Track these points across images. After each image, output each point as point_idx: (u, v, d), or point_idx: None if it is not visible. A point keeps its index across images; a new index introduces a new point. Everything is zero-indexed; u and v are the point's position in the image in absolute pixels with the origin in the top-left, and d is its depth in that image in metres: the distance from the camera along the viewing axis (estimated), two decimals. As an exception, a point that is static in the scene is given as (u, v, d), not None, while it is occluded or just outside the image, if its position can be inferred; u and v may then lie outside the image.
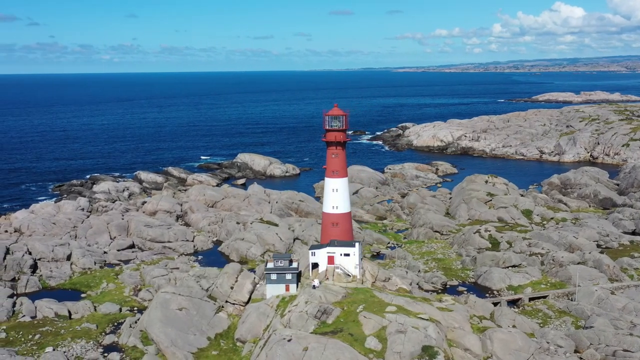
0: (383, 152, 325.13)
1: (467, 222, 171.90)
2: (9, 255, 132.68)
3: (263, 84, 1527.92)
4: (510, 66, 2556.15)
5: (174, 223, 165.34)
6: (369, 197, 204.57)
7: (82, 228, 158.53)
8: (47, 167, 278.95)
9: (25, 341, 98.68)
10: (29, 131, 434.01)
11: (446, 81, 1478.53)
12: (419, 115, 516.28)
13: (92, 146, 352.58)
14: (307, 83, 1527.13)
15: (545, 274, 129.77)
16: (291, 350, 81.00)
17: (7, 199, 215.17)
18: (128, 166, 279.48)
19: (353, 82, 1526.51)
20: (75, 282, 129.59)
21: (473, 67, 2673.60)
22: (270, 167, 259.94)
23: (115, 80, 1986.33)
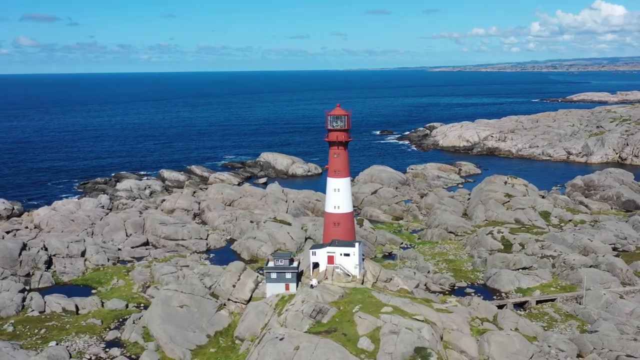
0: (409, 152, 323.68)
1: (484, 223, 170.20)
2: (25, 251, 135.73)
3: (298, 83, 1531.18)
4: (549, 65, 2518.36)
5: (189, 221, 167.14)
6: (388, 197, 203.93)
7: (99, 225, 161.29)
8: (75, 165, 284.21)
9: (31, 335, 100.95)
10: (62, 129, 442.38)
11: (481, 81, 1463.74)
12: (450, 115, 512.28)
13: (121, 144, 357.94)
14: (341, 82, 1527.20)
15: (556, 277, 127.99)
16: (282, 349, 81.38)
17: (35, 196, 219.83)
18: (154, 164, 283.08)
19: (388, 82, 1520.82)
20: (87, 278, 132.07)
21: (510, 67, 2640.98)
22: (293, 167, 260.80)
23: (152, 80, 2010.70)
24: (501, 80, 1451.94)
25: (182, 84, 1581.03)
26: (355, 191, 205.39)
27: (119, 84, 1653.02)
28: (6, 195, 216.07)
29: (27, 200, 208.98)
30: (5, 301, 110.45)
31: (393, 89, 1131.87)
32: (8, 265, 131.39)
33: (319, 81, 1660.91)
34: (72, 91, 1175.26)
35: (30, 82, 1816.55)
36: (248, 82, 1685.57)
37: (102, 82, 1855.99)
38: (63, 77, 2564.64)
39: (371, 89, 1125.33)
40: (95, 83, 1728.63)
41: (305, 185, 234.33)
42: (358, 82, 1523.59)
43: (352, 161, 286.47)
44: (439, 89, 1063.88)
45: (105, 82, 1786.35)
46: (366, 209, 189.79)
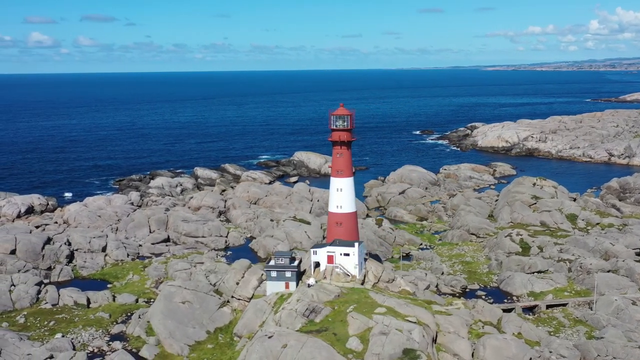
0: (446, 152, 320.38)
1: (508, 225, 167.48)
2: (48, 245, 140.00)
3: (349, 82, 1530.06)
4: (607, 64, 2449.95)
5: (212, 219, 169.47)
6: (415, 197, 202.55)
7: (124, 221, 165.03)
8: (116, 162, 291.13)
9: (40, 327, 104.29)
10: (110, 127, 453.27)
11: (535, 80, 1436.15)
12: (496, 115, 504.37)
13: (163, 143, 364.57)
14: (392, 82, 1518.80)
15: (571, 281, 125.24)
16: (269, 347, 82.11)
17: (72, 191, 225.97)
18: (191, 162, 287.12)
19: (439, 81, 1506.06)
20: (105, 272, 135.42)
21: (567, 66, 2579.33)
22: (325, 166, 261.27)
23: (205, 79, 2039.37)
24: (555, 80, 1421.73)
25: (234, 83, 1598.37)
26: (383, 191, 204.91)
27: (173, 82, 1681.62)
28: (46, 190, 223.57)
29: (62, 196, 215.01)
30: (21, 293, 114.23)
31: (443, 88, 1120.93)
32: (31, 258, 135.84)
33: (370, 80, 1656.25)
34: (126, 90, 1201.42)
35: (88, 81, 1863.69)
36: (300, 81, 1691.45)
37: (157, 80, 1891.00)
38: (120, 76, 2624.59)
39: (421, 88, 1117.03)
40: (150, 82, 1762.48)
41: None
42: (409, 81, 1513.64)
43: (386, 160, 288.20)
44: (491, 89, 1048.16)
45: (159, 81, 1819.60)
46: (391, 209, 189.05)
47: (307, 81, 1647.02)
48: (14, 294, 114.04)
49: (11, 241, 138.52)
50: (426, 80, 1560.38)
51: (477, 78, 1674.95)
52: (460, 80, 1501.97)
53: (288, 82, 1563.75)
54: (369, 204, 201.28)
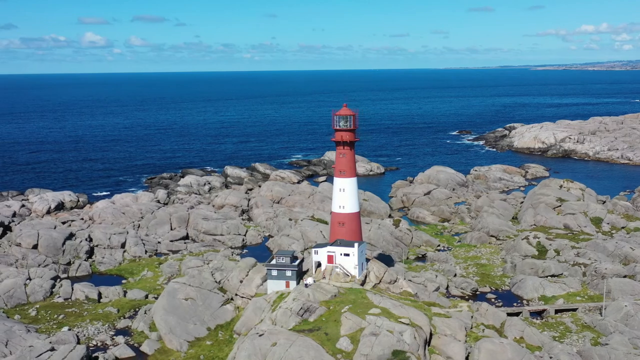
0: (481, 153, 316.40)
1: (530, 227, 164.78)
2: (69, 240, 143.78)
3: (396, 82, 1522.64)
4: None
5: (233, 217, 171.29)
6: (441, 198, 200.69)
7: (147, 218, 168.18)
8: (151, 160, 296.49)
9: (49, 320, 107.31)
10: (151, 126, 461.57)
11: (586, 80, 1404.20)
12: (538, 115, 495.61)
13: (200, 142, 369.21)
14: (439, 81, 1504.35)
15: (585, 286, 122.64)
16: (259, 345, 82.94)
17: (105, 189, 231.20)
18: (225, 161, 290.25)
19: (486, 81, 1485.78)
20: (121, 268, 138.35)
21: (620, 65, 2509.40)
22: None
23: (253, 78, 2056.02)
24: (607, 80, 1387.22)
25: (280, 82, 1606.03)
26: (408, 192, 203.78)
27: (220, 82, 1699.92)
28: (80, 187, 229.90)
29: (94, 193, 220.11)
30: (35, 287, 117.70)
31: (489, 88, 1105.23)
32: (51, 253, 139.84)
33: (416, 80, 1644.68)
34: (173, 89, 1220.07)
35: (139, 81, 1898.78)
36: (346, 81, 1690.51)
37: (205, 80, 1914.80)
38: (170, 76, 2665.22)
39: (467, 88, 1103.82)
40: (198, 81, 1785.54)
41: (363, 184, 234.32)
42: (455, 81, 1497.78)
43: (418, 161, 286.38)
44: (538, 88, 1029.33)
45: (207, 80, 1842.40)
46: (414, 209, 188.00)
47: (353, 81, 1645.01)
48: (28, 288, 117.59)
49: (34, 236, 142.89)
50: (473, 80, 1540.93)
51: (526, 78, 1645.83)
52: (508, 80, 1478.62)
53: (334, 82, 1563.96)
54: (394, 205, 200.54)
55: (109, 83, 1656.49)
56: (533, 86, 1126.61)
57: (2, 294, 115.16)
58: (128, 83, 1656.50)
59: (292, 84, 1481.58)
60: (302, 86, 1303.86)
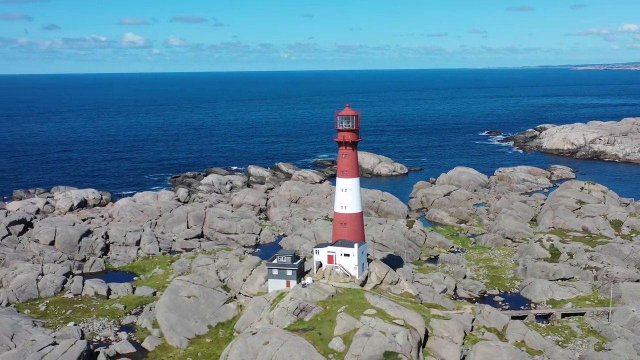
0: (508, 153, 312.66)
1: (548, 230, 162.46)
2: (85, 237, 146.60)
3: (432, 82, 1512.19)
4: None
5: (249, 216, 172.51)
6: (461, 199, 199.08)
7: (164, 217, 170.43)
8: (177, 160, 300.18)
9: (57, 315, 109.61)
10: (182, 125, 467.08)
11: (627, 80, 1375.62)
12: (572, 116, 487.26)
13: (229, 141, 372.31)
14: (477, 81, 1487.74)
15: (596, 290, 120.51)
16: (250, 343, 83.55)
17: (130, 187, 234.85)
18: (250, 160, 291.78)
19: (525, 81, 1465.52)
20: (134, 265, 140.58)
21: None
22: (379, 166, 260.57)
23: (290, 78, 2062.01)
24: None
25: (317, 82, 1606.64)
26: (428, 192, 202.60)
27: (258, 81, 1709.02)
28: (106, 185, 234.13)
29: (118, 191, 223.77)
30: (47, 283, 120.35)
31: (527, 88, 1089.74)
32: (67, 250, 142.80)
33: (454, 80, 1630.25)
34: (209, 89, 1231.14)
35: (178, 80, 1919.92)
36: (383, 80, 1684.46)
37: (243, 80, 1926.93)
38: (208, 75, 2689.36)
39: (503, 88, 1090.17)
40: (235, 81, 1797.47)
41: (385, 184, 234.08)
42: (492, 81, 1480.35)
43: (443, 161, 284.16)
44: (577, 89, 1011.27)
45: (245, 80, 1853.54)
46: (432, 210, 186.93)
47: (389, 81, 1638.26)
48: (40, 283, 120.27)
49: (51, 233, 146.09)
50: (511, 81, 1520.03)
51: (566, 78, 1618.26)
52: (547, 80, 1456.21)
53: (370, 82, 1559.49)
54: (413, 205, 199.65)
55: (148, 83, 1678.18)
56: (572, 86, 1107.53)
57: (14, 289, 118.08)
58: (166, 83, 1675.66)
59: (328, 83, 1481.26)
60: (337, 86, 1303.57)
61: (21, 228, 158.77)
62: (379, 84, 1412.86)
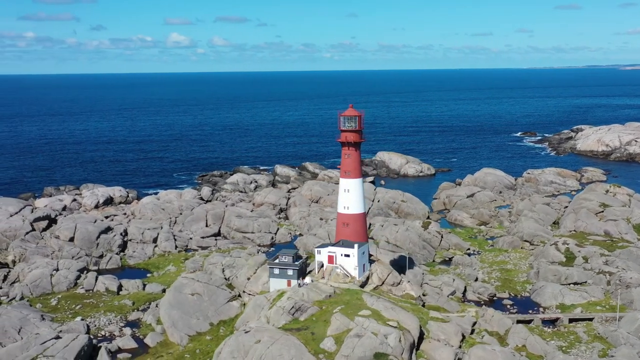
0: (541, 155, 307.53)
1: (569, 233, 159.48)
2: (103, 234, 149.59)
3: (475, 81, 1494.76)
4: None
5: (267, 215, 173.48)
6: (484, 201, 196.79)
7: (184, 215, 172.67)
8: (207, 159, 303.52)
9: (67, 310, 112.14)
10: (217, 125, 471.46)
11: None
12: (613, 117, 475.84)
13: (262, 140, 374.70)
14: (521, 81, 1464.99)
15: (609, 295, 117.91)
16: (242, 341, 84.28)
17: (159, 185, 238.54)
18: (279, 159, 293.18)
19: (571, 81, 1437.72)
20: (149, 263, 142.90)
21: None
22: (406, 167, 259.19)
23: (332, 78, 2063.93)
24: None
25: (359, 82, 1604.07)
26: (451, 194, 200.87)
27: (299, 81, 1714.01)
28: (135, 183, 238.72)
29: (145, 189, 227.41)
30: (60, 278, 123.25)
31: (571, 88, 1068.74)
32: (86, 246, 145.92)
33: (498, 80, 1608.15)
34: (250, 88, 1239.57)
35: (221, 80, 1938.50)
36: (426, 80, 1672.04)
37: (285, 79, 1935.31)
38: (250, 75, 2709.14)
39: (548, 88, 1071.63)
40: (278, 80, 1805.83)
41: (410, 185, 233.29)
42: (537, 81, 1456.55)
43: (473, 163, 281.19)
44: (623, 89, 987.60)
45: (287, 80, 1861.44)
46: (453, 212, 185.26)
47: (432, 80, 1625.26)
48: (54, 278, 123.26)
49: (71, 229, 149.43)
50: (557, 80, 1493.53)
51: (613, 78, 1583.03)
52: (593, 80, 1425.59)
53: (412, 82, 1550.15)
54: (435, 207, 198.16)
55: (191, 82, 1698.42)
56: (618, 87, 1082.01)
57: (29, 283, 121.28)
58: (209, 83, 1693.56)
59: (369, 83, 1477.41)
60: (378, 86, 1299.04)
61: (45, 224, 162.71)
62: (420, 84, 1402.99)
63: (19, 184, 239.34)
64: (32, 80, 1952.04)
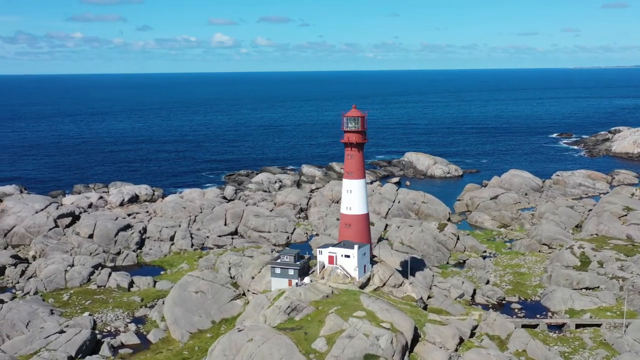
0: (574, 157, 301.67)
1: (589, 237, 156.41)
2: (122, 232, 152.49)
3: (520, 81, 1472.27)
4: None
5: (285, 215, 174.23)
6: (508, 203, 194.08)
7: (204, 213, 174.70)
8: (238, 157, 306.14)
9: (77, 305, 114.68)
10: (253, 125, 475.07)
11: None
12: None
13: (293, 140, 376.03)
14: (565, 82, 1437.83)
15: (621, 301, 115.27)
16: (235, 340, 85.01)
17: (187, 184, 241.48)
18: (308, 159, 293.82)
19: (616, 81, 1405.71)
20: (164, 260, 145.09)
21: None
22: (433, 167, 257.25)
23: (375, 77, 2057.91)
24: None
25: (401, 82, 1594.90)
26: (475, 195, 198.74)
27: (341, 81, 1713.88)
28: (163, 181, 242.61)
29: (172, 188, 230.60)
30: (74, 274, 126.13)
31: (617, 88, 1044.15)
32: (104, 243, 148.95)
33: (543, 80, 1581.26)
34: (289, 88, 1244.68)
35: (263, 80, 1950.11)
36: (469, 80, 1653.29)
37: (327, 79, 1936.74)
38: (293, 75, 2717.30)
39: (592, 88, 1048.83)
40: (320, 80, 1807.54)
41: (436, 186, 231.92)
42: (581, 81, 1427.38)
43: (503, 164, 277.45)
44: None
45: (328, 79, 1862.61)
46: (474, 214, 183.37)
47: (475, 81, 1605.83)
48: (68, 274, 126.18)
49: (91, 226, 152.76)
50: (602, 80, 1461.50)
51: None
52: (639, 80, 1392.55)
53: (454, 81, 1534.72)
54: (458, 208, 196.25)
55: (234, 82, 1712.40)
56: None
57: (43, 279, 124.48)
58: (251, 82, 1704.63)
59: (409, 83, 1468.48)
60: (418, 86, 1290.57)
61: (68, 221, 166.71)
62: (462, 84, 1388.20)
63: (52, 181, 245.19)
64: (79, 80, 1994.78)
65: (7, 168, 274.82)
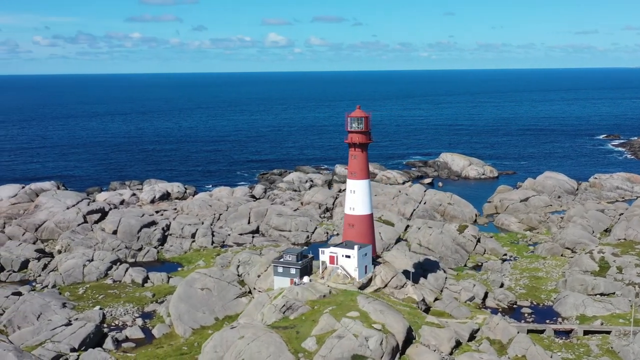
0: (618, 159, 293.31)
1: (617, 241, 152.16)
2: (145, 228, 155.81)
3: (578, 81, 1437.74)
4: None
5: (308, 214, 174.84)
6: (539, 205, 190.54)
7: (228, 212, 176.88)
8: (274, 156, 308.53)
9: (90, 299, 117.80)
10: (294, 124, 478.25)
11: None
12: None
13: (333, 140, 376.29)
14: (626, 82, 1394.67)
15: (636, 308, 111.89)
16: (226, 337, 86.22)
17: (220, 182, 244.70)
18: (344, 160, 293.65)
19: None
20: (183, 257, 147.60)
21: None
22: (468, 168, 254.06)
23: (429, 77, 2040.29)
24: None
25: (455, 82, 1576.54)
26: (505, 197, 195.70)
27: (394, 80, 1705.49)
28: (198, 179, 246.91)
29: (205, 186, 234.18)
30: (92, 269, 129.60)
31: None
32: (127, 239, 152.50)
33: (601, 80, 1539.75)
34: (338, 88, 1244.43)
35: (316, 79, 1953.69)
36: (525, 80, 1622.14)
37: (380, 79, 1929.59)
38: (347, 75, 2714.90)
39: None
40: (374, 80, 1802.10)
41: (469, 187, 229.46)
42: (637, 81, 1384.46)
43: (542, 165, 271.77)
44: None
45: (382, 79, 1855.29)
46: (500, 216, 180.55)
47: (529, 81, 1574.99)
48: (86, 269, 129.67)
49: (115, 222, 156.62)
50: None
51: None
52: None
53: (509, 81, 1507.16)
54: (487, 210, 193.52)
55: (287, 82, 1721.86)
56: None
57: (62, 272, 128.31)
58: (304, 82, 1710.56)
59: (465, 83, 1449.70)
60: (470, 86, 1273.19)
61: (97, 217, 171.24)
62: (515, 84, 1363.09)
63: (91, 178, 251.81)
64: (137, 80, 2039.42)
65: (50, 165, 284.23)
